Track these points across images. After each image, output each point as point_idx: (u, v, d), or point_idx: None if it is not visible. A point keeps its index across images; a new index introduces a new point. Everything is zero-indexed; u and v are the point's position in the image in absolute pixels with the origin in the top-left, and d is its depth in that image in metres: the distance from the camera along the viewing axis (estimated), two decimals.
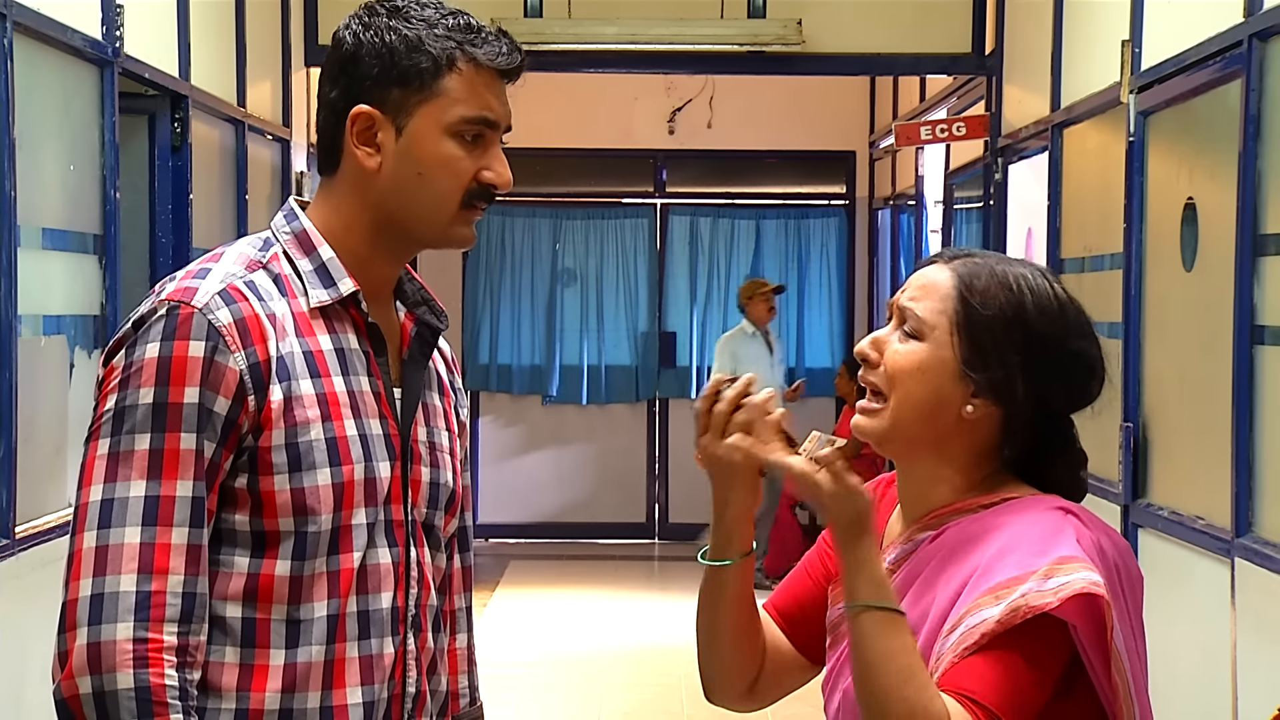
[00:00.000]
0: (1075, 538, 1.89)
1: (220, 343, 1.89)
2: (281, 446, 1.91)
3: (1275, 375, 4.20)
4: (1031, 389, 1.96)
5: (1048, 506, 1.95)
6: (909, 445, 2.01)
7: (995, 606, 1.84)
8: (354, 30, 2.01)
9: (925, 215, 9.76)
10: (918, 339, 1.99)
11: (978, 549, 1.92)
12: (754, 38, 7.64)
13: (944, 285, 2.00)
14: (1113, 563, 1.92)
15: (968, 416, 1.97)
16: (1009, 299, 1.97)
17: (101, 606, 1.83)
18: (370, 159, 1.99)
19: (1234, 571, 4.32)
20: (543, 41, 7.58)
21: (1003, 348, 1.96)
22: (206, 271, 1.96)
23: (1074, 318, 2.00)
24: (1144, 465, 5.28)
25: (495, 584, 9.97)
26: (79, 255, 4.91)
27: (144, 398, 1.88)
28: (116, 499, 1.86)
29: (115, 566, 1.84)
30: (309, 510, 1.92)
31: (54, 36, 4.61)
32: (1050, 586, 1.83)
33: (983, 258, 2.03)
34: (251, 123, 6.81)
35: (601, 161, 11.63)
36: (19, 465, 4.28)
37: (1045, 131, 6.51)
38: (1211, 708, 4.46)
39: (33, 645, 4.39)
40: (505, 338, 11.52)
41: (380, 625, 1.98)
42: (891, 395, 1.99)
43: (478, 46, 1.99)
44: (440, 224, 2.01)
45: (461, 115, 1.99)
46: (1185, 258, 4.94)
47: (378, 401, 2.01)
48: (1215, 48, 4.56)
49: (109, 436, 1.89)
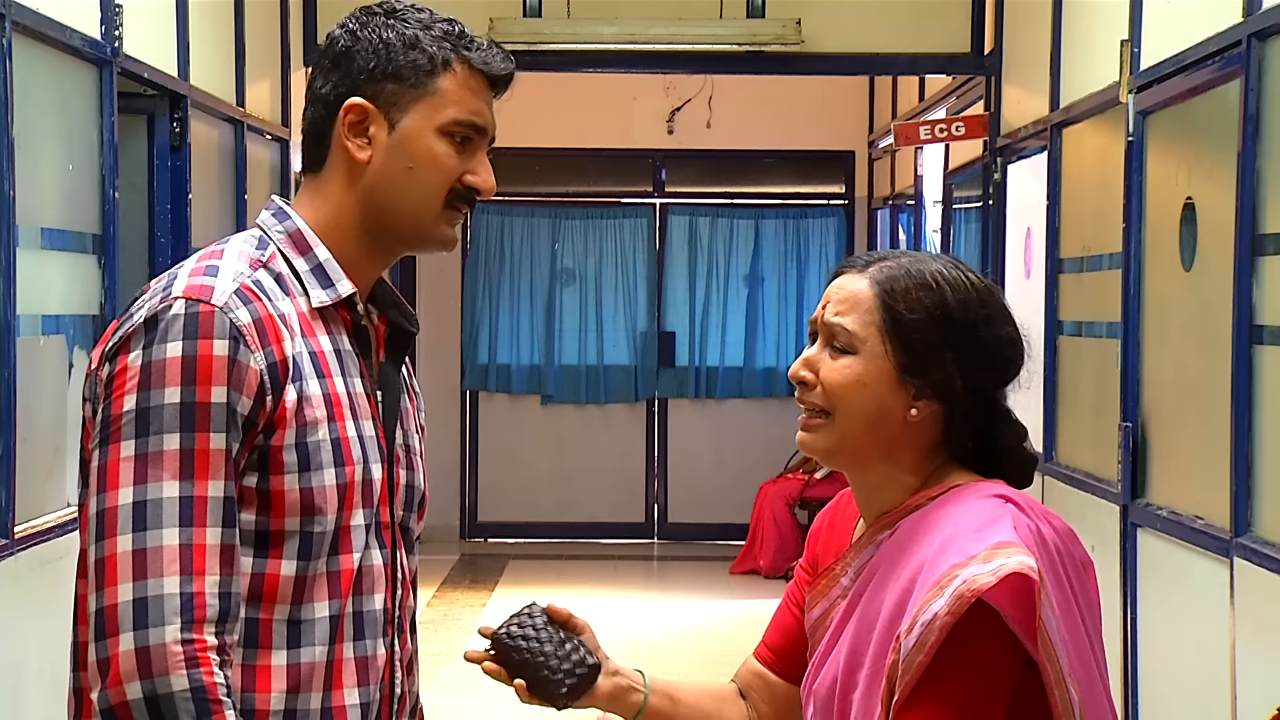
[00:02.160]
0: (1013, 525, 1.91)
1: (242, 342, 1.88)
2: (292, 446, 1.91)
3: (1274, 375, 4.20)
4: (968, 380, 2.00)
5: (987, 494, 1.97)
6: (857, 456, 2.04)
7: (940, 598, 1.85)
8: (349, 29, 2.03)
9: (924, 215, 9.75)
10: (850, 353, 2.01)
11: (922, 543, 1.94)
12: (753, 37, 7.63)
13: (865, 295, 2.02)
14: (1054, 549, 1.94)
15: (912, 420, 2.00)
16: (931, 298, 2.00)
17: (146, 610, 1.81)
18: (361, 150, 2.00)
19: (1233, 571, 4.32)
20: (541, 41, 7.58)
21: (936, 348, 1.99)
22: (215, 269, 1.94)
23: (992, 302, 2.03)
24: (1143, 465, 5.28)
25: (494, 584, 9.97)
26: (78, 255, 4.91)
27: (170, 397, 1.85)
28: (150, 500, 1.83)
29: (157, 569, 1.82)
30: (315, 510, 1.92)
31: (53, 36, 4.61)
32: (990, 568, 1.84)
33: (894, 260, 2.05)
34: (250, 122, 6.81)
35: (600, 161, 11.62)
36: (17, 465, 4.28)
37: (1044, 131, 6.51)
38: (1210, 707, 4.46)
39: (31, 644, 4.39)
40: (504, 337, 11.51)
41: (374, 626, 2.00)
42: (835, 412, 2.01)
43: (471, 50, 2.02)
44: (425, 220, 2.03)
45: (454, 117, 2.01)
46: (1184, 257, 4.93)
47: (368, 400, 2.02)
48: (1214, 47, 4.56)
49: (134, 438, 1.85)
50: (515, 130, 11.71)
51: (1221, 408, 4.43)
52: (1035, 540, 1.91)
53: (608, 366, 11.58)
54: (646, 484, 11.61)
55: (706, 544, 11.23)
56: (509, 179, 11.87)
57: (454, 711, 7.08)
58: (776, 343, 11.56)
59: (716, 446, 11.38)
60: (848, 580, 2.07)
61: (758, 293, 11.59)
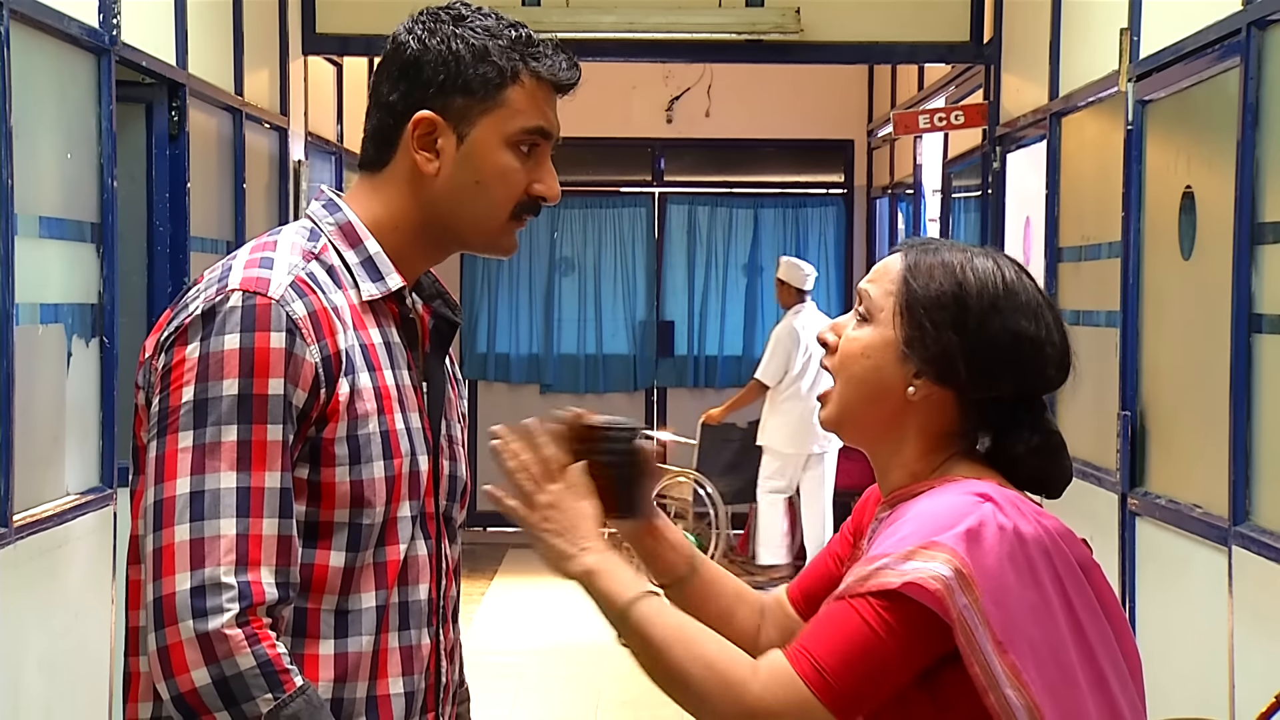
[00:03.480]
0: (972, 525, 1.88)
1: (298, 335, 1.89)
2: (344, 439, 1.92)
3: (1273, 363, 4.20)
4: (975, 370, 1.98)
5: (970, 490, 1.95)
6: (860, 429, 2.05)
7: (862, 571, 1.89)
8: (418, 35, 2.02)
9: (923, 204, 9.75)
10: (869, 322, 2.03)
11: (896, 526, 1.95)
12: (752, 26, 7.63)
13: (894, 269, 2.04)
14: (1036, 550, 1.90)
15: (911, 398, 2.00)
16: (949, 278, 2.00)
17: (205, 598, 1.82)
18: (430, 164, 2.01)
19: (1231, 560, 4.32)
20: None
21: (940, 326, 1.98)
22: (270, 261, 1.95)
23: (1023, 300, 2.02)
24: (1142, 454, 5.28)
25: (493, 573, 9.97)
26: (76, 244, 4.91)
27: (228, 389, 1.86)
28: (208, 490, 1.84)
29: (214, 558, 1.83)
30: (365, 502, 1.94)
31: (50, 24, 4.60)
32: (905, 568, 1.86)
33: (937, 245, 2.06)
34: (249, 111, 6.80)
35: (599, 150, 11.61)
36: (16, 454, 4.27)
37: (1043, 120, 6.50)
38: (1208, 695, 4.47)
39: (30, 632, 4.39)
40: (503, 327, 11.51)
41: (419, 616, 2.02)
42: (838, 379, 2.04)
43: (540, 60, 2.04)
44: (490, 232, 2.05)
45: (522, 126, 2.02)
46: (1183, 246, 4.93)
47: (415, 393, 2.04)
48: (1213, 36, 4.55)
49: (192, 429, 1.86)
50: None
51: (1220, 396, 4.43)
52: (1005, 539, 1.88)
53: (606, 356, 11.58)
54: None
55: None
56: None
57: None
58: None
59: None
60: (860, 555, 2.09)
61: (756, 282, 11.59)
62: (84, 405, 4.86)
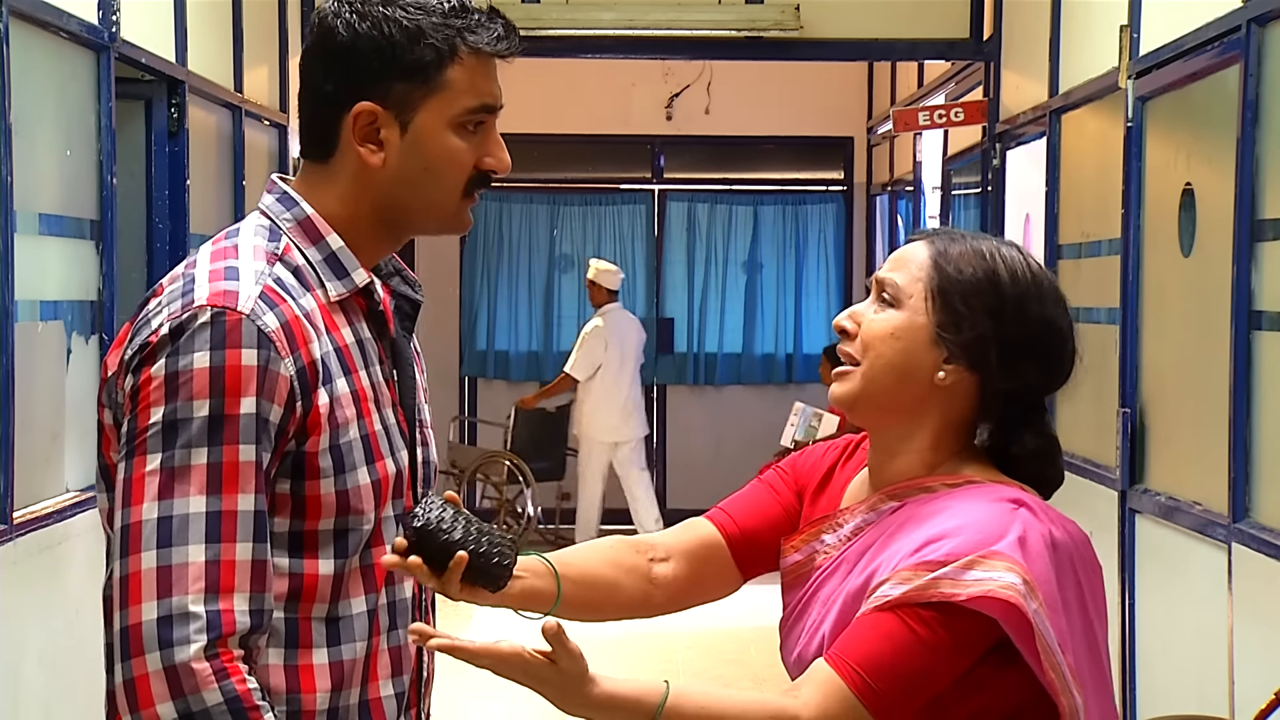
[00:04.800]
0: (1020, 533, 1.90)
1: (272, 350, 1.82)
2: (327, 450, 1.87)
3: (1272, 361, 4.20)
4: (1005, 357, 1.99)
5: (1002, 496, 1.97)
6: (881, 410, 2.04)
7: (912, 582, 1.88)
8: (346, 19, 1.93)
9: (923, 201, 9.75)
10: (894, 307, 2.02)
11: (923, 527, 1.95)
12: (752, 23, 7.63)
13: (921, 256, 2.04)
14: (1066, 555, 1.94)
15: (940, 383, 2.00)
16: (982, 265, 2.01)
17: (171, 628, 1.76)
18: (374, 156, 1.94)
19: (1231, 556, 4.32)
20: (540, 27, 7.57)
21: (976, 311, 1.99)
22: (235, 271, 1.87)
23: (1048, 288, 2.04)
24: (1141, 451, 5.28)
25: None
26: (76, 241, 4.90)
27: (198, 410, 1.79)
28: (175, 516, 1.78)
29: (181, 586, 1.76)
30: (354, 510, 1.90)
31: (50, 21, 4.60)
32: (967, 579, 1.86)
33: (959, 233, 2.07)
34: (249, 108, 6.79)
35: (599, 147, 11.61)
36: (16, 451, 4.27)
37: (1043, 117, 6.50)
38: (1208, 692, 4.47)
39: (30, 629, 4.39)
40: (503, 324, 11.51)
41: (405, 615, 2.00)
42: (864, 360, 2.02)
43: (477, 33, 1.94)
44: (444, 215, 1.99)
45: (466, 107, 1.94)
46: (1183, 243, 4.93)
47: (387, 386, 1.99)
48: (1213, 33, 4.55)
49: (160, 451, 1.79)
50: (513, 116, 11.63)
51: (1220, 393, 4.43)
52: (1045, 545, 1.92)
53: None
54: None
55: None
56: None
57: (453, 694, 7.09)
58: (775, 329, 11.56)
59: (715, 433, 11.37)
60: (836, 540, 2.06)
61: (756, 279, 11.58)
62: (84, 402, 4.86)
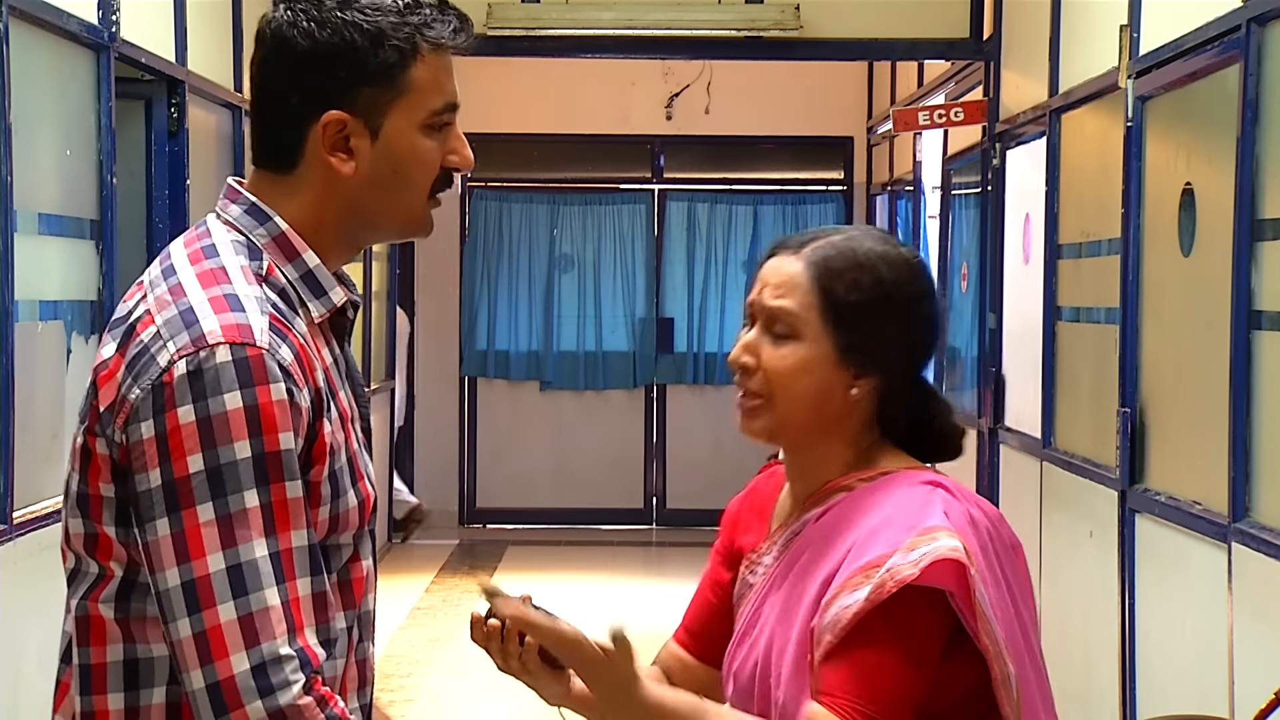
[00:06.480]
0: (943, 510, 1.94)
1: (292, 382, 1.79)
2: (327, 478, 1.85)
3: (1272, 360, 4.20)
4: (908, 356, 2.04)
5: (918, 481, 2.00)
6: (801, 435, 2.05)
7: (865, 586, 1.88)
8: (304, 27, 1.87)
9: (923, 201, 9.75)
10: (792, 338, 2.01)
11: (852, 529, 1.96)
12: (751, 23, 7.63)
13: (802, 277, 2.03)
14: (985, 531, 1.97)
15: (854, 398, 2.02)
16: (869, 277, 2.01)
17: (268, 675, 1.74)
18: (345, 164, 1.89)
19: (1231, 556, 4.32)
20: (540, 27, 7.57)
21: (876, 323, 2.01)
22: (237, 300, 1.82)
23: (919, 270, 2.07)
24: (1141, 450, 5.28)
25: (493, 570, 9.98)
26: (75, 240, 4.91)
27: (240, 452, 1.75)
28: (244, 562, 1.75)
29: (269, 632, 1.75)
30: (341, 529, 1.88)
31: (50, 21, 4.60)
32: (912, 558, 1.88)
33: (826, 238, 2.06)
34: (249, 108, 6.79)
35: (599, 147, 11.61)
36: (16, 451, 4.27)
37: (1043, 117, 6.50)
38: (1208, 692, 4.47)
39: (30, 629, 4.39)
40: (503, 324, 11.51)
41: (369, 628, 1.99)
42: (775, 397, 2.02)
43: (434, 28, 1.90)
44: (410, 218, 1.95)
45: (432, 108, 1.91)
46: (1183, 243, 4.93)
47: (355, 406, 1.96)
48: (1214, 32, 4.55)
49: (211, 499, 1.75)
50: (513, 116, 11.72)
51: (1220, 393, 4.43)
52: (967, 522, 1.94)
53: (606, 353, 11.58)
54: (645, 470, 11.61)
55: (705, 530, 11.21)
56: (507, 164, 11.89)
57: (452, 695, 7.09)
58: None
59: (715, 432, 11.37)
60: (770, 559, 2.08)
61: None
62: None
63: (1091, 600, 5.71)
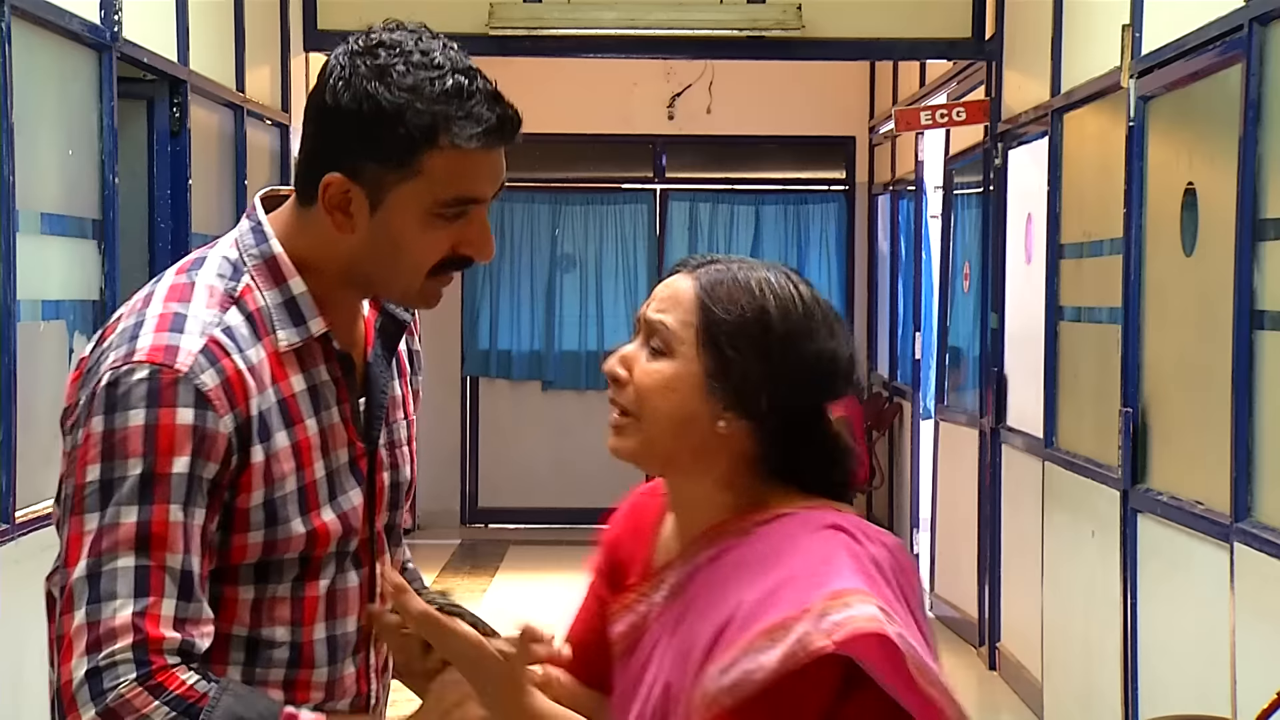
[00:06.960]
0: (849, 560, 1.83)
1: (209, 409, 1.78)
2: (259, 506, 1.84)
3: (1275, 360, 4.20)
4: (776, 396, 1.89)
5: (818, 525, 1.88)
6: (667, 462, 1.97)
7: (772, 650, 1.77)
8: (335, 81, 1.84)
9: (925, 201, 9.75)
10: (666, 354, 1.94)
11: (748, 577, 1.85)
12: (753, 23, 7.63)
13: (688, 295, 1.94)
14: (889, 570, 1.86)
15: (722, 431, 1.91)
16: (750, 303, 1.90)
17: (101, 680, 1.74)
18: (343, 225, 1.86)
19: (1233, 556, 4.32)
20: (542, 27, 7.57)
21: (745, 354, 1.89)
22: (183, 321, 1.82)
23: (820, 319, 1.92)
24: (1143, 450, 5.28)
25: (495, 569, 9.98)
26: (78, 240, 4.91)
27: (131, 469, 1.76)
28: (104, 572, 1.75)
29: (110, 640, 1.74)
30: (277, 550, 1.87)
31: (52, 21, 4.60)
32: (824, 627, 1.75)
33: (725, 263, 1.96)
34: (250, 108, 6.80)
35: (601, 147, 11.61)
36: (18, 450, 4.28)
37: (1045, 116, 6.50)
38: (1210, 692, 4.47)
39: (31, 629, 4.39)
40: (504, 323, 11.51)
41: (345, 649, 1.96)
42: (641, 414, 1.94)
43: (464, 123, 1.82)
44: (407, 291, 1.92)
45: (440, 198, 1.84)
46: (1185, 243, 4.93)
47: (345, 426, 1.93)
48: (1215, 32, 4.55)
49: (95, 510, 1.77)
50: None
51: (1222, 393, 4.43)
52: (873, 569, 1.84)
53: (608, 352, 11.56)
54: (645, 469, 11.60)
55: None
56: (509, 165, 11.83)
57: None
58: None
59: None
60: (659, 598, 1.98)
61: None
62: None
63: (1093, 600, 5.71)
